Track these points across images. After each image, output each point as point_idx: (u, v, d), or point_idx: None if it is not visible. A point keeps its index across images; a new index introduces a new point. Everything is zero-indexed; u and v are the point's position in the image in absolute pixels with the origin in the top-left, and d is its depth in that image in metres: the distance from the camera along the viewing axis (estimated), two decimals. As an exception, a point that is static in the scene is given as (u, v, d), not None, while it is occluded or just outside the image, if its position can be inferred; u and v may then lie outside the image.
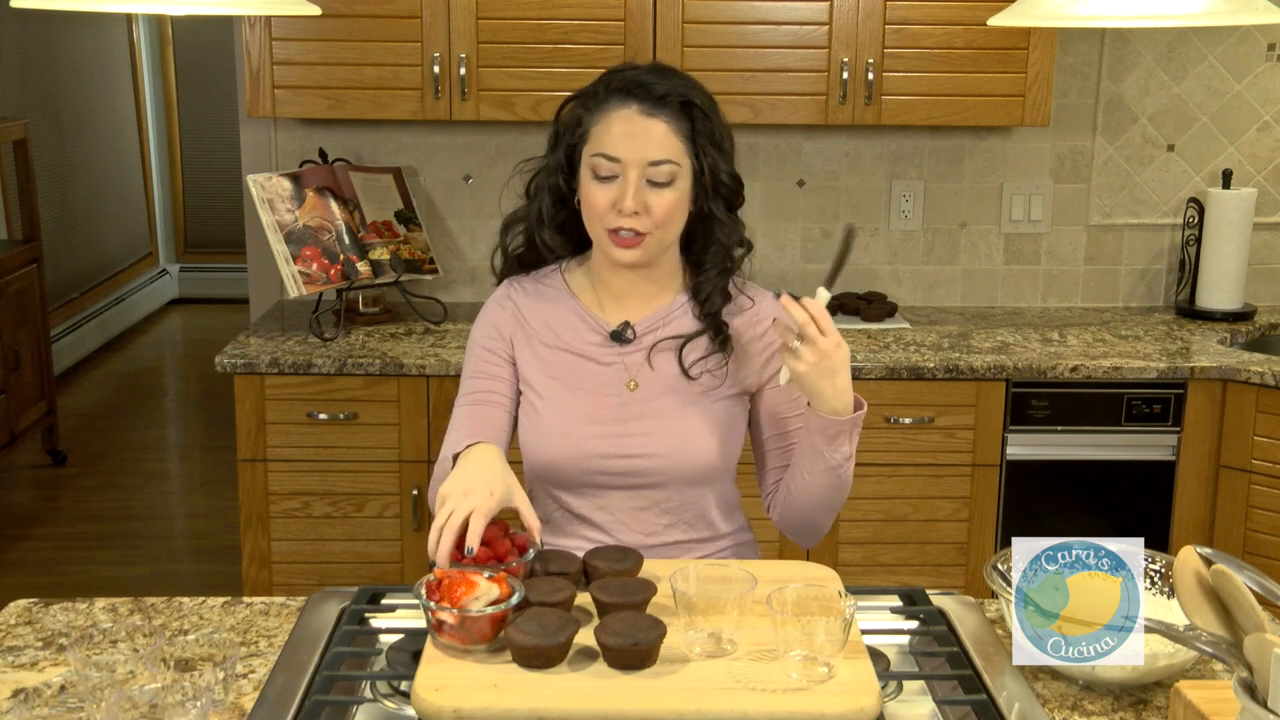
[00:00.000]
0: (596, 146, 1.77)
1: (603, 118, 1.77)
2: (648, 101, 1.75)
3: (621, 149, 1.75)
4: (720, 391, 1.85)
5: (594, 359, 1.85)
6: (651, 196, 1.75)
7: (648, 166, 1.74)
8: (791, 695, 1.35)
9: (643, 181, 1.75)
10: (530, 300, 1.90)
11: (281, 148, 3.46)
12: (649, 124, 1.75)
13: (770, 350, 1.87)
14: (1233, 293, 3.42)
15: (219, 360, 2.94)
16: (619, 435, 1.82)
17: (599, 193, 1.77)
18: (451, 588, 1.44)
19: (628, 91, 1.76)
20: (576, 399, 1.83)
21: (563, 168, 1.83)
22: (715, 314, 1.84)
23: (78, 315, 6.67)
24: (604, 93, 1.79)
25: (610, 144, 1.75)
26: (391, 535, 3.02)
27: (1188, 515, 3.05)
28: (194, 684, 1.34)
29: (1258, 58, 3.50)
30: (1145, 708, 1.45)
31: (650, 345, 1.85)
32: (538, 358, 1.87)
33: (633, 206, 1.74)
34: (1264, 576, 1.32)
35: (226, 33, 3.89)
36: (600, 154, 1.76)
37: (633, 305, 1.87)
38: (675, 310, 1.87)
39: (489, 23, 3.06)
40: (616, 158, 1.75)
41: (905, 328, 3.30)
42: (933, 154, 3.52)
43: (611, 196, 1.75)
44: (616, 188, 1.75)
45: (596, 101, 1.79)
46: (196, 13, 1.60)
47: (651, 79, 1.77)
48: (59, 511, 4.68)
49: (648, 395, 1.83)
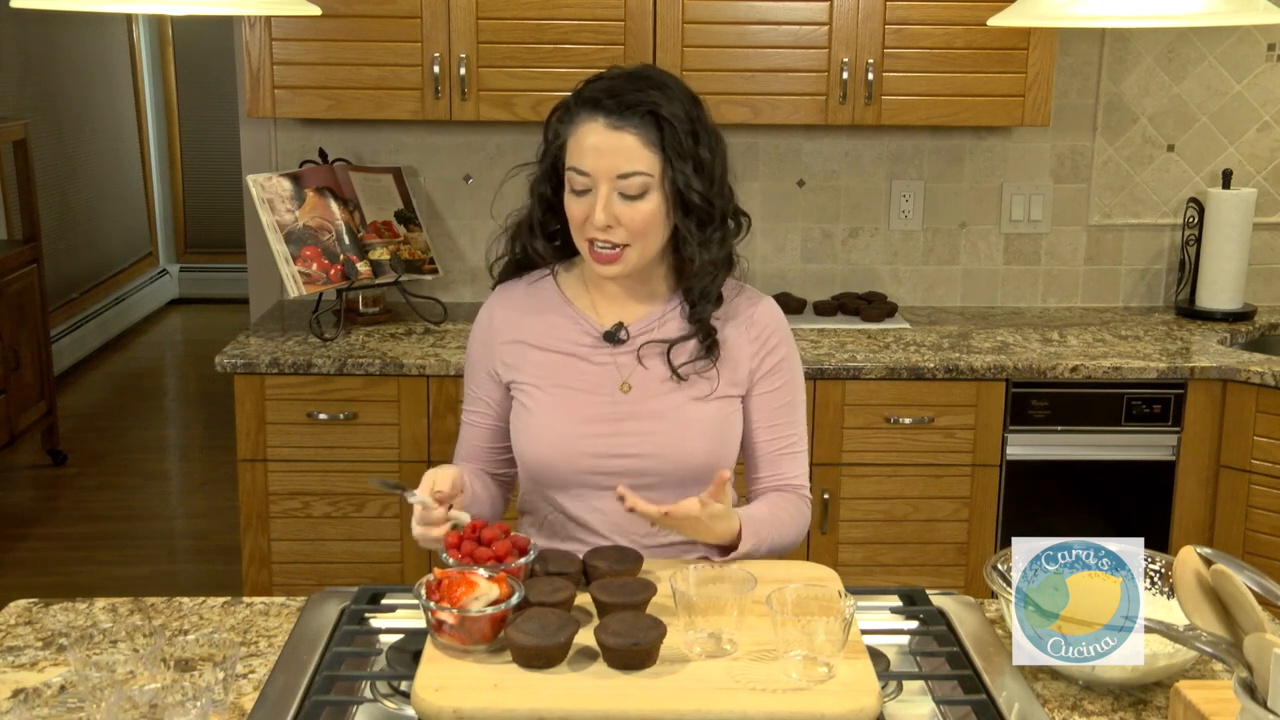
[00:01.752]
0: (570, 160, 1.76)
1: (575, 131, 1.76)
2: (614, 113, 1.73)
3: (589, 163, 1.73)
4: (712, 394, 1.84)
5: (586, 359, 1.85)
6: (624, 209, 1.74)
7: (617, 179, 1.73)
8: (791, 695, 1.35)
9: (614, 194, 1.73)
10: (520, 304, 1.90)
11: (281, 148, 3.46)
12: (617, 136, 1.73)
13: (763, 355, 1.88)
14: (1233, 293, 3.42)
15: (219, 360, 2.94)
16: (612, 435, 1.82)
17: (575, 206, 1.77)
18: (451, 588, 1.44)
19: (596, 103, 1.74)
20: (568, 399, 1.83)
21: (549, 177, 1.83)
22: (704, 319, 1.83)
23: (78, 315, 6.67)
24: (575, 105, 1.77)
25: (580, 158, 1.74)
26: (391, 535, 3.02)
27: (1188, 515, 3.05)
28: (194, 684, 1.34)
29: (1258, 58, 3.50)
30: (1145, 708, 1.45)
31: (639, 346, 1.85)
32: (528, 360, 1.87)
33: (603, 220, 1.73)
34: (1264, 576, 1.32)
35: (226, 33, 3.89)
36: (572, 168, 1.75)
37: (628, 307, 1.87)
38: (669, 312, 1.87)
39: (489, 23, 3.06)
40: (586, 172, 1.74)
41: (905, 328, 3.30)
42: (933, 154, 3.52)
43: (585, 210, 1.75)
44: (589, 201, 1.75)
45: (569, 114, 1.77)
46: (196, 13, 1.60)
47: (624, 87, 1.74)
48: (59, 511, 4.68)
49: (640, 396, 1.83)
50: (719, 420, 1.84)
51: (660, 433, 1.82)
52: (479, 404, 1.93)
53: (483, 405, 1.92)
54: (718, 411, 1.84)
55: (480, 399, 1.93)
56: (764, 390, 1.88)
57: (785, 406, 1.89)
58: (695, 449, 1.82)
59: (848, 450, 2.98)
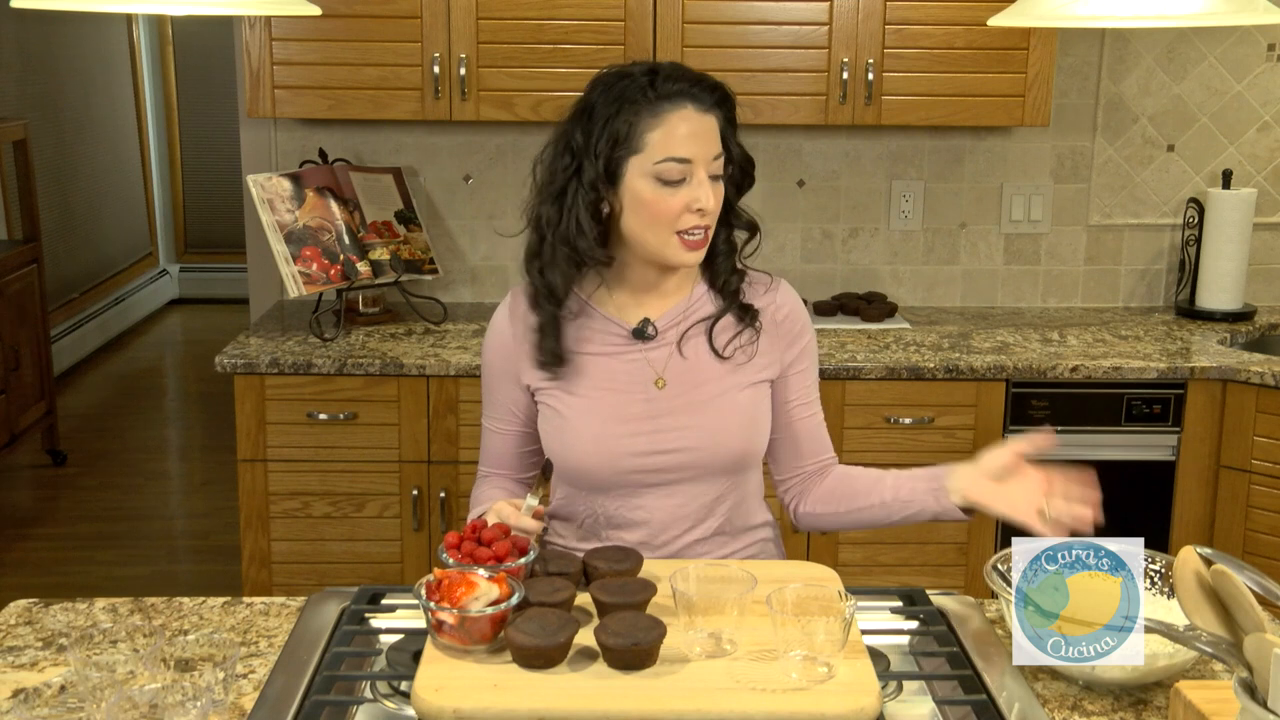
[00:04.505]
0: (663, 152, 1.73)
1: (662, 123, 1.74)
2: (700, 99, 1.76)
3: (690, 149, 1.74)
4: (746, 379, 1.85)
5: (617, 357, 1.84)
6: (716, 191, 1.78)
7: (711, 162, 1.77)
8: (791, 695, 1.35)
9: (709, 179, 1.77)
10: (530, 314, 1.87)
11: (281, 148, 3.46)
12: (708, 120, 1.76)
13: (790, 336, 1.89)
14: (1233, 293, 3.42)
15: (219, 360, 2.94)
16: (651, 432, 1.81)
17: (670, 198, 1.74)
18: (451, 588, 1.44)
19: (681, 93, 1.75)
20: (602, 399, 1.82)
21: (602, 180, 1.76)
22: (736, 291, 1.87)
23: (78, 315, 6.67)
24: (655, 99, 1.74)
25: (678, 146, 1.73)
26: (391, 535, 3.02)
27: (1188, 515, 3.05)
28: (194, 684, 1.34)
29: (1258, 58, 3.50)
30: (1145, 708, 1.45)
31: (676, 339, 1.85)
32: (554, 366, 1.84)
33: (715, 205, 1.76)
34: (1264, 576, 1.32)
35: (226, 33, 3.89)
36: (670, 158, 1.73)
37: (650, 304, 1.86)
38: (695, 302, 1.88)
39: (489, 23, 3.06)
40: (688, 158, 1.74)
41: (905, 328, 3.30)
42: (932, 154, 3.52)
43: (684, 199, 1.74)
44: (687, 190, 1.74)
45: (649, 108, 1.74)
46: (196, 13, 1.60)
47: (688, 74, 1.78)
48: (59, 511, 4.68)
49: (675, 391, 1.83)
50: (751, 406, 1.85)
51: (696, 426, 1.82)
52: (503, 412, 1.90)
53: (507, 414, 1.90)
54: (750, 398, 1.84)
55: (505, 407, 1.90)
56: (797, 369, 1.90)
57: (813, 385, 1.94)
58: (732, 438, 1.83)
59: (848, 451, 2.98)
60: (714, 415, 1.83)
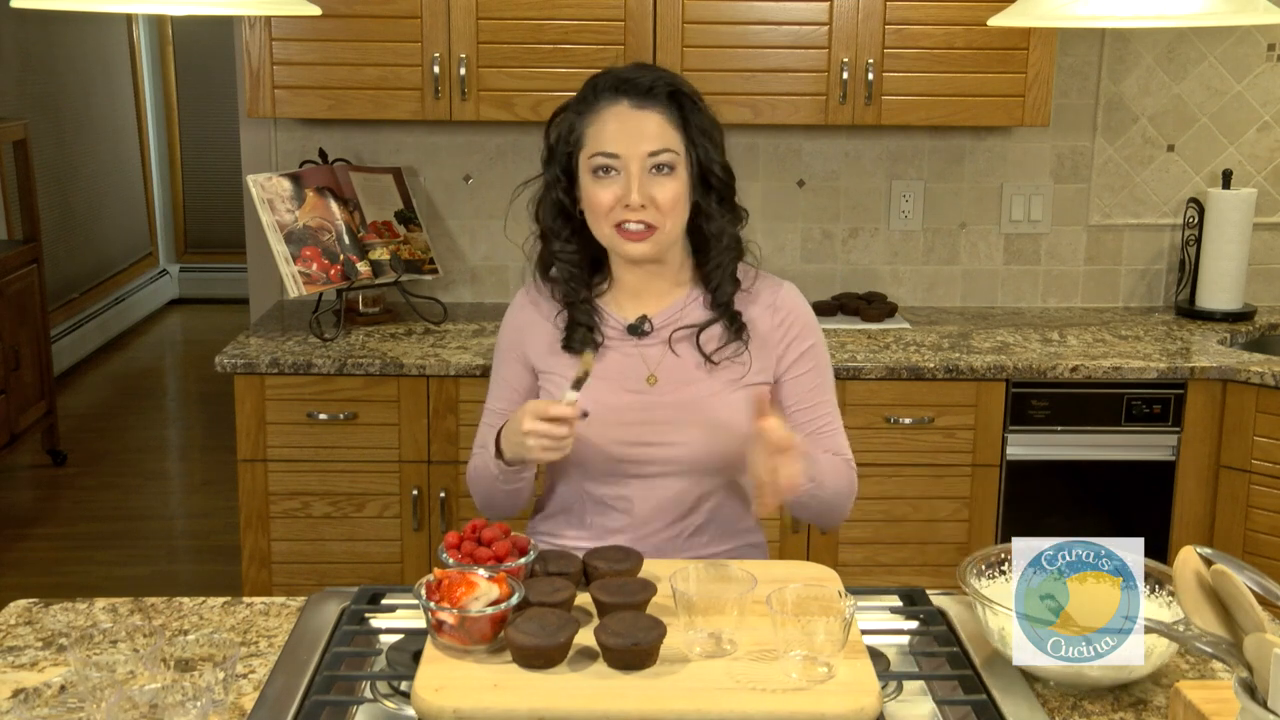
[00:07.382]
0: (594, 147, 1.79)
1: (595, 118, 1.80)
2: (636, 95, 1.78)
3: (619, 144, 1.77)
4: (744, 380, 1.86)
5: (613, 350, 1.88)
6: (655, 187, 1.78)
7: (647, 158, 1.77)
8: (791, 695, 1.35)
9: (645, 174, 1.77)
10: (547, 301, 1.93)
11: (281, 148, 3.46)
12: (642, 116, 1.78)
13: (790, 339, 1.90)
14: (1233, 293, 3.42)
15: (219, 360, 2.94)
16: (640, 424, 1.84)
17: (601, 191, 1.79)
18: (451, 588, 1.44)
19: (616, 89, 1.80)
20: (597, 387, 1.84)
21: (561, 180, 1.85)
22: (727, 302, 1.87)
23: (78, 315, 6.67)
24: (592, 95, 1.81)
25: (607, 141, 1.78)
26: (391, 535, 3.02)
27: (1188, 515, 3.05)
28: (194, 684, 1.34)
29: (1258, 58, 3.50)
30: (1145, 708, 1.45)
31: (668, 336, 1.87)
32: (555, 355, 1.89)
33: (639, 199, 1.77)
34: (1264, 576, 1.32)
35: (226, 33, 3.89)
36: (599, 153, 1.78)
37: (648, 301, 1.90)
38: (690, 303, 1.90)
39: (489, 23, 3.06)
40: (615, 154, 1.77)
41: (905, 328, 3.30)
42: (932, 154, 3.52)
43: (615, 193, 1.78)
44: (619, 184, 1.78)
45: (586, 104, 1.82)
46: (196, 13, 1.60)
47: (636, 74, 1.81)
48: (59, 511, 4.68)
49: (666, 388, 1.85)
50: (741, 410, 1.85)
51: (683, 424, 1.84)
52: (508, 391, 1.94)
53: (511, 393, 1.94)
54: (746, 398, 1.85)
55: (510, 386, 1.94)
56: (796, 374, 1.90)
57: (817, 388, 1.91)
58: (717, 440, 1.84)
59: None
60: (701, 415, 1.84)
